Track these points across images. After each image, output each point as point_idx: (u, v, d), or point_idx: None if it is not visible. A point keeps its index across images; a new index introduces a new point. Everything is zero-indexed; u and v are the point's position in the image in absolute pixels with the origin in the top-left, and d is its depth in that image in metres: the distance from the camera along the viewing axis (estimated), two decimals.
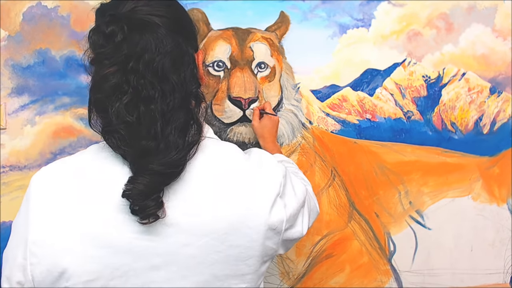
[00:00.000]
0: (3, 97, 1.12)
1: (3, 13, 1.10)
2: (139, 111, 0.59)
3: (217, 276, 0.63)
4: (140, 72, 0.59)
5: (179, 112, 0.61)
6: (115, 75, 0.59)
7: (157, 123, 0.59)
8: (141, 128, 0.59)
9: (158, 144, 0.59)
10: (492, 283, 1.31)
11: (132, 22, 0.61)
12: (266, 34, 1.19)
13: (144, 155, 0.59)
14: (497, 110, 1.28)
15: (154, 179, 0.59)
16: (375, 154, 1.25)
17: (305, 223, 0.73)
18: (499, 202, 1.29)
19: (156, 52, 0.60)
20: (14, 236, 0.62)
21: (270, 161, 0.70)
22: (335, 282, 1.25)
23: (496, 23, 1.25)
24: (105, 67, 0.60)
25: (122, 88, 0.59)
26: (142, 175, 0.58)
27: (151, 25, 0.62)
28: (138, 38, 0.60)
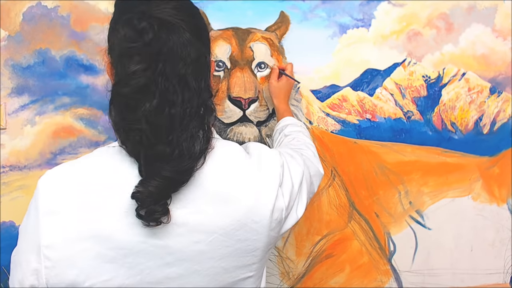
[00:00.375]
0: (3, 97, 1.12)
1: (3, 13, 1.10)
2: (165, 114, 0.59)
3: (227, 268, 0.65)
4: (167, 75, 0.59)
5: (194, 120, 0.62)
6: (145, 74, 0.59)
7: (176, 129, 0.60)
8: (162, 132, 0.59)
9: (173, 150, 0.60)
10: (492, 283, 1.31)
11: (161, 22, 0.60)
12: (266, 34, 1.19)
13: (157, 160, 0.59)
14: (497, 110, 1.28)
15: (164, 184, 0.59)
16: (375, 154, 1.25)
17: (301, 207, 0.74)
18: (499, 202, 1.29)
19: (182, 57, 0.61)
20: (24, 240, 0.63)
21: (269, 154, 0.72)
22: (335, 282, 1.25)
23: (496, 23, 1.25)
24: (134, 63, 0.59)
25: (150, 89, 0.59)
26: (154, 178, 0.59)
27: (178, 29, 0.61)
28: (165, 39, 0.60)
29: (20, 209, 1.13)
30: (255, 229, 0.66)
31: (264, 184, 0.67)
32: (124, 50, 0.61)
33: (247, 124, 1.18)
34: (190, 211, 0.62)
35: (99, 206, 0.61)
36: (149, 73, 0.59)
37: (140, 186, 0.59)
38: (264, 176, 0.68)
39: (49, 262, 0.59)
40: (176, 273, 0.63)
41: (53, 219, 0.60)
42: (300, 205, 0.75)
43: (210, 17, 1.16)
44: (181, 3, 0.65)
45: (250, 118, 1.18)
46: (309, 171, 0.80)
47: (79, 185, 0.62)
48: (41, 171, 1.14)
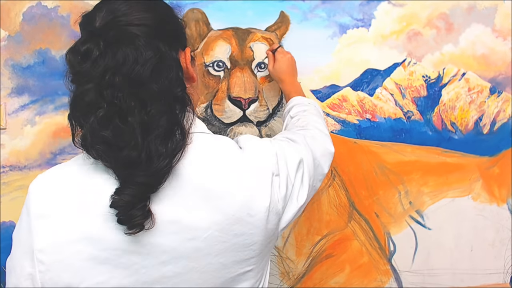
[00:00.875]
0: (3, 97, 1.12)
1: (3, 13, 1.10)
2: (114, 124, 0.58)
3: (225, 264, 0.64)
4: (116, 85, 0.58)
5: (161, 119, 0.60)
6: (90, 92, 0.59)
7: (136, 134, 0.58)
8: (118, 141, 0.58)
9: (139, 154, 0.58)
10: (492, 283, 1.31)
11: (108, 37, 0.60)
12: (266, 34, 1.19)
13: (127, 166, 0.59)
14: (497, 110, 1.28)
15: (139, 190, 0.59)
16: (375, 154, 1.25)
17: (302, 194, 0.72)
18: (499, 202, 1.29)
19: (135, 63, 0.59)
20: (17, 246, 0.62)
21: (260, 145, 0.70)
22: (335, 282, 1.25)
23: (496, 23, 1.25)
24: (82, 85, 0.60)
25: (98, 104, 0.59)
26: (128, 186, 0.58)
27: (128, 36, 0.61)
28: (114, 52, 0.59)
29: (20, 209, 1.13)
30: (251, 223, 0.64)
31: (258, 176, 0.66)
32: (72, 76, 0.62)
33: (247, 124, 1.18)
34: (182, 208, 0.61)
35: (88, 210, 0.60)
36: (95, 90, 0.59)
37: (115, 194, 0.59)
38: (257, 167, 0.66)
39: (43, 266, 0.59)
40: (173, 271, 0.62)
41: (44, 222, 0.60)
42: (301, 192, 0.72)
43: (210, 17, 1.16)
44: (136, 4, 0.64)
45: (250, 118, 1.18)
46: (312, 153, 0.77)
47: (68, 189, 0.62)
48: (41, 171, 1.13)
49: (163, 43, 0.63)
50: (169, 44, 0.65)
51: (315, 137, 0.83)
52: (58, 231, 0.60)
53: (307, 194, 0.73)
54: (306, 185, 0.73)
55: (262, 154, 0.68)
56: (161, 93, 0.61)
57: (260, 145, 0.70)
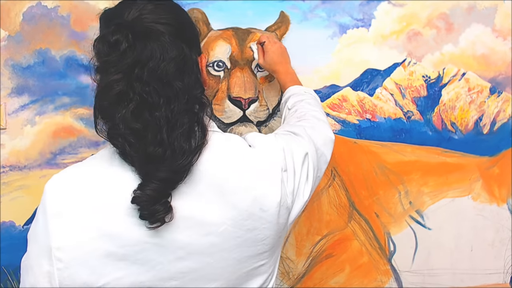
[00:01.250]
0: (3, 97, 1.12)
1: (3, 13, 1.10)
2: (144, 118, 0.60)
3: (239, 259, 0.66)
4: (145, 79, 0.60)
5: (184, 118, 0.62)
6: (120, 83, 0.60)
7: (163, 130, 0.60)
8: (147, 135, 0.60)
9: (164, 150, 0.60)
10: (492, 283, 1.31)
11: (136, 30, 0.62)
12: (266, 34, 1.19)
13: (151, 161, 0.60)
14: (497, 110, 1.28)
15: (162, 185, 0.60)
16: (375, 154, 1.25)
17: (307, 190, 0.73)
18: (499, 202, 1.29)
19: (161, 60, 0.61)
20: (34, 245, 0.63)
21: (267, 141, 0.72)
22: (335, 282, 1.25)
23: (496, 23, 1.25)
24: (110, 74, 0.61)
25: (127, 95, 0.60)
26: (151, 181, 0.60)
27: (155, 33, 0.63)
28: (143, 46, 0.61)
29: (20, 209, 1.13)
30: (264, 218, 0.66)
31: (269, 172, 0.68)
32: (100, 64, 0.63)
33: (247, 124, 1.18)
34: (197, 204, 0.63)
35: (105, 207, 0.61)
36: (125, 81, 0.60)
37: (138, 190, 0.60)
38: (268, 164, 0.68)
39: (61, 264, 0.60)
40: (189, 267, 0.63)
41: (61, 221, 0.61)
42: (306, 187, 0.73)
43: (210, 17, 1.16)
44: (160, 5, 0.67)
45: (250, 118, 1.18)
46: (315, 144, 0.79)
47: (85, 187, 0.63)
48: (41, 171, 1.14)
49: (185, 44, 0.65)
50: (190, 46, 0.67)
51: (315, 127, 0.84)
52: (76, 229, 0.61)
53: (311, 188, 0.75)
54: (311, 180, 0.74)
55: (271, 150, 0.70)
56: (184, 91, 0.63)
57: (268, 141, 0.72)
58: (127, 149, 0.61)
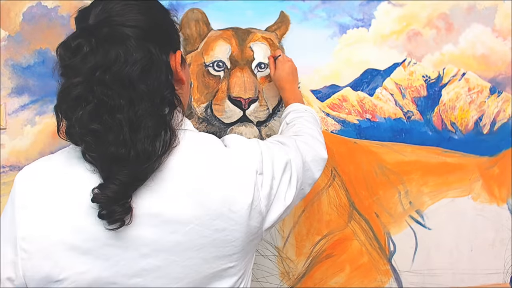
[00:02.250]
0: (3, 97, 1.12)
1: (3, 13, 1.10)
2: (103, 119, 0.59)
3: (206, 259, 0.65)
4: (107, 82, 0.60)
5: (149, 120, 0.61)
6: (78, 86, 0.60)
7: (125, 131, 0.59)
8: (108, 135, 0.59)
9: (128, 151, 0.59)
10: (492, 283, 1.31)
11: (100, 35, 0.61)
12: (266, 34, 1.19)
13: (113, 162, 0.60)
14: (497, 110, 1.28)
15: (122, 188, 0.59)
16: (375, 154, 1.25)
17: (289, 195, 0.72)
18: (499, 202, 1.29)
19: (125, 63, 0.60)
20: (1, 234, 0.64)
21: (245, 144, 0.71)
22: (335, 282, 1.25)
23: (496, 23, 1.25)
24: (70, 78, 0.61)
25: (86, 98, 0.60)
26: (112, 182, 0.59)
27: (121, 37, 0.62)
28: (106, 51, 0.60)
29: None
30: (233, 219, 0.65)
31: (241, 173, 0.66)
32: (62, 69, 0.63)
33: (247, 124, 1.18)
34: (164, 202, 0.62)
35: (72, 200, 0.62)
36: (85, 85, 0.60)
37: (98, 189, 0.59)
38: (241, 165, 0.67)
39: (25, 254, 0.61)
40: (153, 264, 0.62)
41: (28, 212, 0.62)
42: (289, 192, 0.72)
43: (210, 17, 1.16)
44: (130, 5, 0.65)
45: (250, 118, 1.18)
46: (302, 157, 0.77)
47: (53, 180, 0.64)
48: None
49: (154, 46, 0.64)
50: (160, 47, 0.66)
51: (307, 142, 0.84)
52: (41, 221, 0.61)
53: (294, 195, 0.73)
54: (294, 186, 0.73)
55: (246, 152, 0.69)
56: (149, 94, 0.62)
57: (245, 144, 0.71)
58: (86, 149, 0.61)
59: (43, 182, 0.64)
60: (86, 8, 0.67)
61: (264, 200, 0.67)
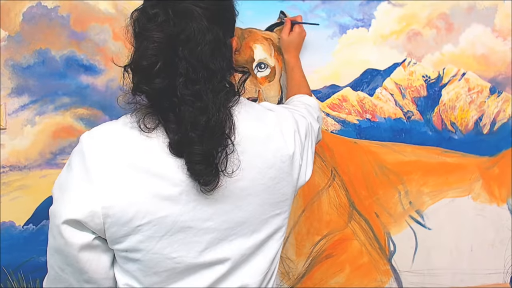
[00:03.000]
0: (3, 97, 1.12)
1: (3, 13, 1.10)
2: (192, 88, 0.64)
3: (261, 204, 0.73)
4: (185, 56, 0.64)
5: (220, 95, 0.67)
6: (157, 52, 0.63)
7: (204, 100, 0.64)
8: (195, 103, 0.64)
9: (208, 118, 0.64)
10: (492, 283, 1.31)
11: (177, 9, 0.65)
12: (266, 34, 1.19)
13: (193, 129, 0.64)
14: (497, 110, 1.28)
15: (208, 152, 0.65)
16: (375, 154, 1.25)
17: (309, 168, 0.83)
18: (499, 202, 1.29)
19: (199, 42, 0.64)
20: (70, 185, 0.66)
21: (282, 109, 0.83)
22: (335, 282, 1.26)
23: (496, 23, 1.25)
24: (147, 42, 0.64)
25: (165, 66, 0.63)
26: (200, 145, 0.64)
27: (196, 16, 0.66)
28: (183, 25, 0.64)
29: (20, 209, 1.13)
30: (282, 168, 0.74)
31: (286, 130, 0.77)
32: (138, 31, 0.66)
33: None
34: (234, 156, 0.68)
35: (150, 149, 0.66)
36: (164, 52, 0.63)
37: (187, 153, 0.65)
38: (285, 124, 0.78)
39: (107, 202, 0.63)
40: (222, 209, 0.69)
41: (106, 165, 0.65)
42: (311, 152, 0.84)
43: None
44: None
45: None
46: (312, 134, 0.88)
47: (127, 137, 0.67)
48: (41, 171, 1.14)
49: (220, 30, 0.68)
50: (224, 31, 0.70)
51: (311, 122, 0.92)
52: (123, 172, 0.64)
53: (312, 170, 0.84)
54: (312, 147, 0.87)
55: (287, 115, 0.81)
56: (217, 73, 0.67)
57: (283, 109, 0.83)
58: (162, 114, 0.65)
59: (116, 138, 0.67)
60: None
61: (298, 155, 0.78)
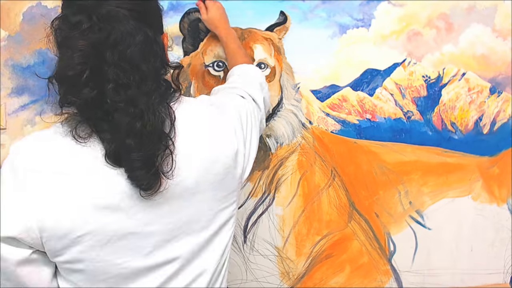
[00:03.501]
0: (3, 97, 1.12)
1: (3, 13, 1.10)
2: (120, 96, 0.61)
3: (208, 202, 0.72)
4: (115, 61, 0.61)
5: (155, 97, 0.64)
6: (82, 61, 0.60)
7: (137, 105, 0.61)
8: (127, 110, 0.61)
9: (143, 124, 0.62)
10: (492, 283, 1.31)
11: (101, 13, 0.62)
12: (266, 34, 1.19)
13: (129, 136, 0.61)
14: (497, 110, 1.28)
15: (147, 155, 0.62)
16: (375, 154, 1.25)
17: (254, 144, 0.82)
18: (499, 202, 1.29)
19: (128, 44, 0.62)
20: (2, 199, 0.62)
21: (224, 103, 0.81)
22: (335, 282, 1.25)
23: (496, 23, 1.25)
24: (70, 51, 0.61)
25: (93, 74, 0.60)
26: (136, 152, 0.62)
27: (121, 17, 0.63)
28: (110, 28, 0.61)
29: None
30: (227, 163, 0.73)
31: (227, 125, 0.75)
32: (60, 40, 0.63)
33: None
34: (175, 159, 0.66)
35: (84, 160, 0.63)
36: (91, 60, 0.60)
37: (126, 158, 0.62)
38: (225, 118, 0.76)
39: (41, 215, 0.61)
40: (167, 211, 0.67)
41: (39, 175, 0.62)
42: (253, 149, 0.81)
43: None
44: None
45: None
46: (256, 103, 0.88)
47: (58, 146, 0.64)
48: None
49: (149, 28, 0.66)
50: (154, 29, 0.68)
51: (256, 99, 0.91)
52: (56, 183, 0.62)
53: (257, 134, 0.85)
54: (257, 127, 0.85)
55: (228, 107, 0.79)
56: (150, 74, 0.64)
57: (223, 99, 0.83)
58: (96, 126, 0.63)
59: (48, 148, 0.64)
60: None
61: (243, 146, 0.77)
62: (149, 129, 0.62)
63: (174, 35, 1.17)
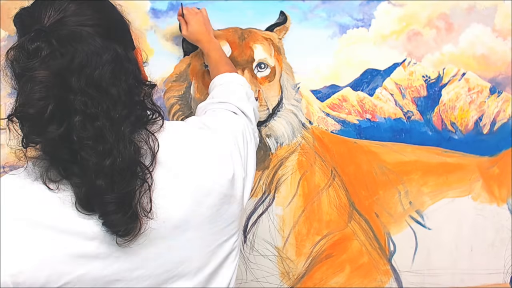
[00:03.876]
0: (3, 97, 1.12)
1: (3, 13, 1.10)
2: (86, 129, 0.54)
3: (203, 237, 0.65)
4: (81, 88, 0.54)
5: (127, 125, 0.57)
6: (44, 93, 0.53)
7: (106, 140, 0.55)
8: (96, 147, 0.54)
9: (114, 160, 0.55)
10: (492, 283, 1.31)
11: (61, 36, 0.55)
12: (266, 34, 1.19)
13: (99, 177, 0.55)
14: (497, 110, 1.28)
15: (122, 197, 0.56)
16: (375, 154, 1.25)
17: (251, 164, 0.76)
18: (499, 202, 1.29)
19: (95, 66, 0.55)
20: None
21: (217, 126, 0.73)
22: (335, 282, 1.25)
23: (496, 23, 1.25)
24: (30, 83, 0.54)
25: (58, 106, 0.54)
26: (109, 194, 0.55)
27: (84, 36, 0.56)
28: (73, 51, 0.54)
29: None
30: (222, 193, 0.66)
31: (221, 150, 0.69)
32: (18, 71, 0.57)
33: None
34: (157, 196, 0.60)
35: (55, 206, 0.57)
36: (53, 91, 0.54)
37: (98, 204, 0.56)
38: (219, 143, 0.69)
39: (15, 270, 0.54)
40: (154, 253, 0.61)
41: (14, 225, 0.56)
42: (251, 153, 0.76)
43: (210, 17, 1.16)
44: (83, 4, 0.60)
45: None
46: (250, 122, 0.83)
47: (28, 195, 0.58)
48: None
49: (118, 45, 0.60)
50: (124, 45, 0.62)
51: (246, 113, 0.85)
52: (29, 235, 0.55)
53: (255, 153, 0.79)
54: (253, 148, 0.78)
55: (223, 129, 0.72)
56: (121, 97, 0.57)
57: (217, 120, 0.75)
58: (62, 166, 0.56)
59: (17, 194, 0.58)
60: (29, 8, 0.62)
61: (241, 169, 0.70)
62: (120, 165, 0.55)
63: (174, 35, 1.16)
